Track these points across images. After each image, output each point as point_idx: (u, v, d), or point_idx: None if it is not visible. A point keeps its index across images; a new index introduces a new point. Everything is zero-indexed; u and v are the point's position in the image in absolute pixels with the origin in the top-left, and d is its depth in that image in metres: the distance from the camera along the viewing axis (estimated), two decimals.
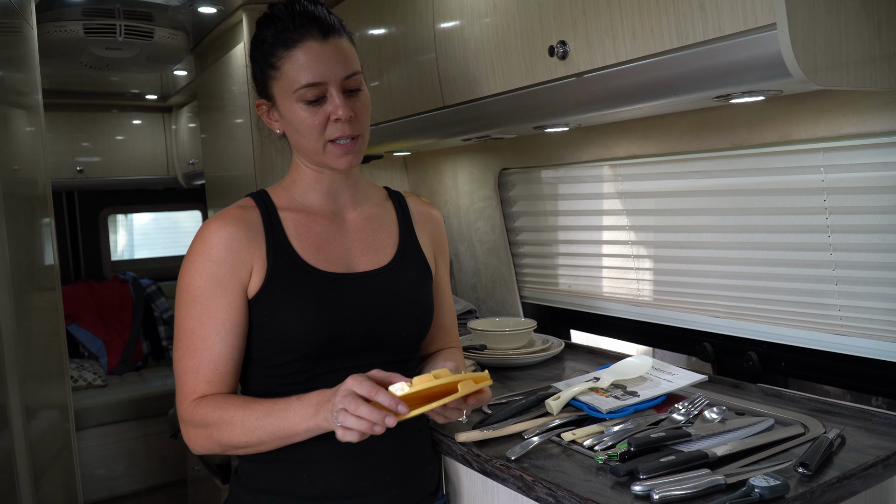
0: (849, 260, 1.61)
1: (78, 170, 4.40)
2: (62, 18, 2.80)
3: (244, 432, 1.21)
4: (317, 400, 1.17)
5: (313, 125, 1.29)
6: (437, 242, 1.52)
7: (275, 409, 1.20)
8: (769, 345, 1.82)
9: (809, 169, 1.62)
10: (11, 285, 1.82)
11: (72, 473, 2.40)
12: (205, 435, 1.25)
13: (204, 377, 1.27)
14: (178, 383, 1.29)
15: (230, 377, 1.29)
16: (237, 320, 1.28)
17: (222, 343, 1.27)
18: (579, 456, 1.37)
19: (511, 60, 1.68)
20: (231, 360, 1.29)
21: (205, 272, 1.27)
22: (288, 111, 1.31)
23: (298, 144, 1.35)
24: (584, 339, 2.48)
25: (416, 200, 1.54)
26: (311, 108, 1.29)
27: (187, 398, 1.27)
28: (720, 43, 1.21)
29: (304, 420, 1.18)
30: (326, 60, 1.28)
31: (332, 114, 1.29)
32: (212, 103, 3.31)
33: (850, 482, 1.21)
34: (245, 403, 1.23)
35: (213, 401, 1.25)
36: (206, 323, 1.27)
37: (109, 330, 4.55)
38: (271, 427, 1.20)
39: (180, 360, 1.28)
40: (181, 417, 1.29)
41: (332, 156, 1.32)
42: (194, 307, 1.27)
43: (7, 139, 1.95)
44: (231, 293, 1.28)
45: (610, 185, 2.17)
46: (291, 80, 1.28)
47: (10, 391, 1.80)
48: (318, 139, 1.30)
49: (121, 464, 4.14)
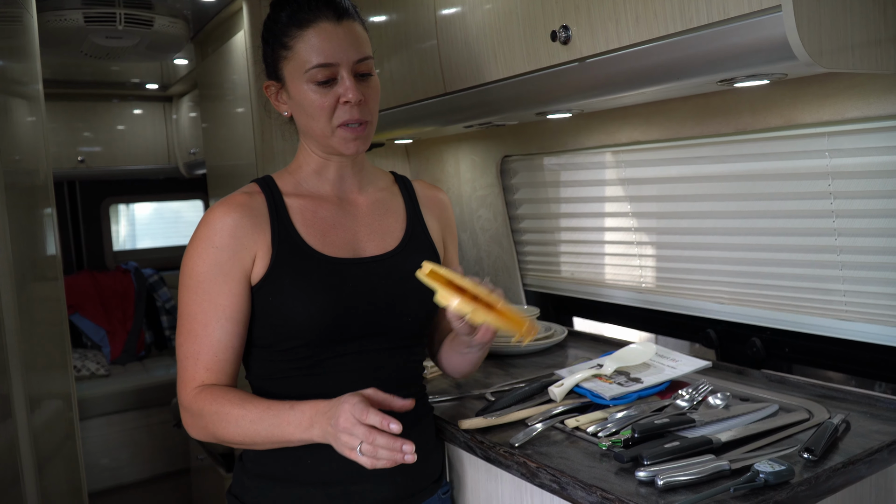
0: (854, 245, 1.60)
1: (79, 160, 4.40)
2: (62, 7, 2.78)
3: (238, 431, 1.22)
4: (310, 413, 1.17)
5: (323, 107, 1.29)
6: (445, 226, 1.52)
7: (268, 415, 1.20)
8: (773, 331, 1.82)
9: (814, 153, 1.61)
10: (14, 276, 1.82)
11: (76, 463, 2.41)
12: (201, 425, 1.26)
13: (203, 364, 1.27)
14: (179, 368, 1.30)
15: (230, 365, 1.29)
16: (238, 307, 1.28)
17: (222, 330, 1.27)
18: (583, 442, 1.37)
19: (513, 46, 1.67)
20: (230, 348, 1.29)
21: (208, 258, 1.27)
22: (298, 92, 1.31)
23: (307, 127, 1.35)
24: (587, 327, 2.47)
25: (423, 184, 1.54)
26: (322, 90, 1.29)
27: (188, 384, 1.28)
28: (724, 26, 1.20)
29: (297, 431, 1.18)
30: (340, 42, 1.28)
31: (343, 96, 1.28)
32: (212, 92, 3.29)
33: (855, 467, 1.21)
34: (241, 402, 1.23)
35: (211, 393, 1.25)
36: (207, 309, 1.27)
37: (112, 320, 4.55)
38: (265, 432, 1.20)
39: (182, 345, 1.29)
40: (181, 403, 1.29)
41: (341, 140, 1.32)
42: (196, 292, 1.27)
43: (8, 129, 1.94)
44: (233, 280, 1.27)
45: (613, 171, 2.16)
46: (303, 60, 1.28)
47: (13, 381, 1.80)
48: (326, 122, 1.30)
49: (124, 453, 4.16)
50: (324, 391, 1.28)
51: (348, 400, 1.12)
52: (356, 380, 1.30)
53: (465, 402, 1.67)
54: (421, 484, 1.40)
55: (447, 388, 1.78)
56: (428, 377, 1.87)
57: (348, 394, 1.14)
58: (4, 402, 1.77)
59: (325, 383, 1.30)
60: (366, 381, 1.30)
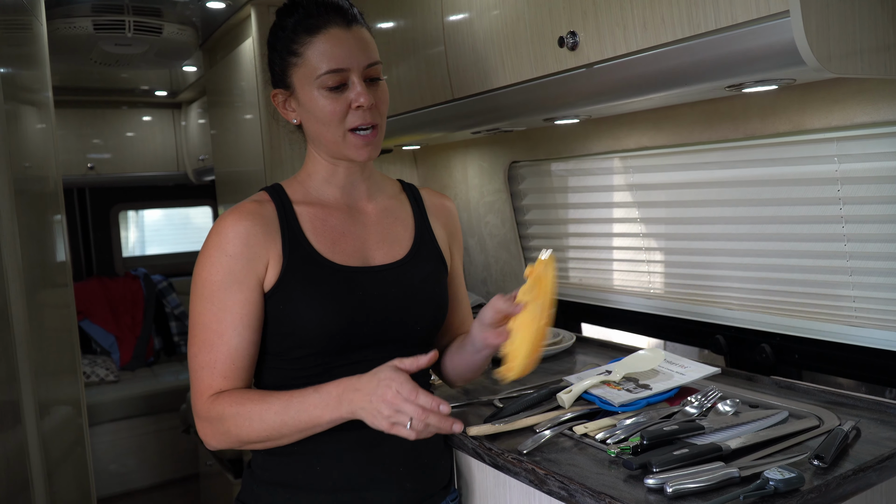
0: (863, 251, 1.59)
1: (89, 166, 4.42)
2: (72, 15, 2.81)
3: (263, 427, 1.21)
4: (337, 391, 1.18)
5: (334, 112, 1.29)
6: (451, 233, 1.52)
7: (293, 402, 1.20)
8: (783, 337, 1.81)
9: (823, 159, 1.60)
10: (24, 282, 1.82)
11: (85, 469, 2.42)
12: (222, 430, 1.25)
13: (220, 372, 1.26)
14: (193, 379, 1.29)
15: (246, 372, 1.29)
16: (253, 314, 1.28)
17: (239, 337, 1.27)
18: (591, 449, 1.36)
19: (520, 52, 1.67)
20: (247, 355, 1.28)
21: (221, 267, 1.26)
22: (308, 99, 1.31)
23: (317, 134, 1.34)
24: (596, 333, 2.47)
25: (430, 192, 1.54)
26: (333, 95, 1.29)
27: (204, 394, 1.26)
28: (732, 31, 1.20)
29: (326, 412, 1.18)
30: (350, 47, 1.29)
31: (354, 101, 1.29)
32: (221, 99, 3.31)
33: (865, 474, 1.20)
34: (262, 398, 1.23)
35: (229, 396, 1.24)
36: (222, 318, 1.26)
37: (121, 326, 4.57)
38: (291, 421, 1.20)
39: (196, 356, 1.28)
40: (196, 413, 1.28)
41: (352, 146, 1.32)
42: (210, 302, 1.27)
43: (18, 136, 1.95)
44: (247, 288, 1.27)
45: (621, 177, 2.16)
46: (313, 66, 1.28)
47: (23, 387, 1.80)
48: (338, 127, 1.30)
49: (133, 459, 4.17)
50: None
51: (392, 377, 1.14)
52: None
53: (474, 408, 1.66)
54: (430, 490, 1.40)
55: (455, 394, 1.78)
56: (436, 384, 1.87)
57: (383, 368, 1.17)
58: (14, 408, 1.77)
59: None
60: None
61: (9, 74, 1.94)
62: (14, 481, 1.75)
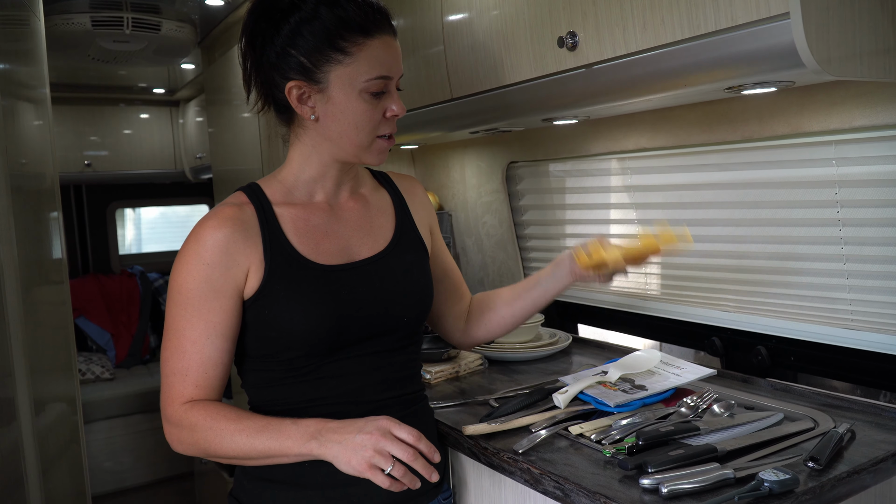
0: (860, 254, 1.59)
1: (86, 163, 4.41)
2: (69, 11, 2.80)
3: (232, 447, 1.21)
4: (315, 428, 1.18)
5: (372, 119, 1.28)
6: (427, 212, 1.54)
7: (268, 429, 1.20)
8: (778, 339, 1.81)
9: (821, 162, 1.60)
10: (20, 279, 1.82)
11: (79, 466, 2.41)
12: (191, 440, 1.24)
13: (192, 381, 1.25)
14: (164, 384, 1.27)
15: (219, 381, 1.28)
16: (228, 323, 1.27)
17: (213, 347, 1.25)
18: (587, 449, 1.36)
19: (520, 52, 1.67)
20: (220, 364, 1.27)
21: (198, 275, 1.24)
22: (344, 100, 1.27)
23: (338, 135, 1.30)
24: (592, 334, 2.47)
25: (397, 176, 1.55)
26: (374, 101, 1.28)
27: (175, 400, 1.25)
28: (732, 33, 1.20)
29: (296, 445, 1.18)
30: (396, 57, 1.30)
31: (389, 110, 1.30)
32: (219, 97, 3.30)
33: (860, 476, 1.20)
34: (238, 418, 1.22)
35: (205, 409, 1.24)
36: (196, 325, 1.25)
37: (117, 323, 4.57)
38: (261, 446, 1.19)
39: (168, 361, 1.26)
40: (166, 417, 1.27)
41: (375, 152, 1.32)
42: (185, 309, 1.25)
43: (15, 133, 1.95)
44: (224, 297, 1.25)
45: (619, 178, 2.16)
46: (364, 69, 1.25)
47: (18, 384, 1.80)
48: (370, 133, 1.30)
49: (128, 457, 4.16)
50: (323, 394, 1.30)
51: (392, 419, 1.18)
52: (355, 382, 1.31)
53: (469, 407, 1.66)
54: (422, 488, 1.39)
55: (451, 393, 1.78)
56: (432, 383, 1.87)
57: (382, 417, 1.19)
58: (9, 405, 1.77)
59: (325, 386, 1.30)
60: (364, 382, 1.32)
61: (6, 70, 1.94)
62: (9, 478, 1.74)
